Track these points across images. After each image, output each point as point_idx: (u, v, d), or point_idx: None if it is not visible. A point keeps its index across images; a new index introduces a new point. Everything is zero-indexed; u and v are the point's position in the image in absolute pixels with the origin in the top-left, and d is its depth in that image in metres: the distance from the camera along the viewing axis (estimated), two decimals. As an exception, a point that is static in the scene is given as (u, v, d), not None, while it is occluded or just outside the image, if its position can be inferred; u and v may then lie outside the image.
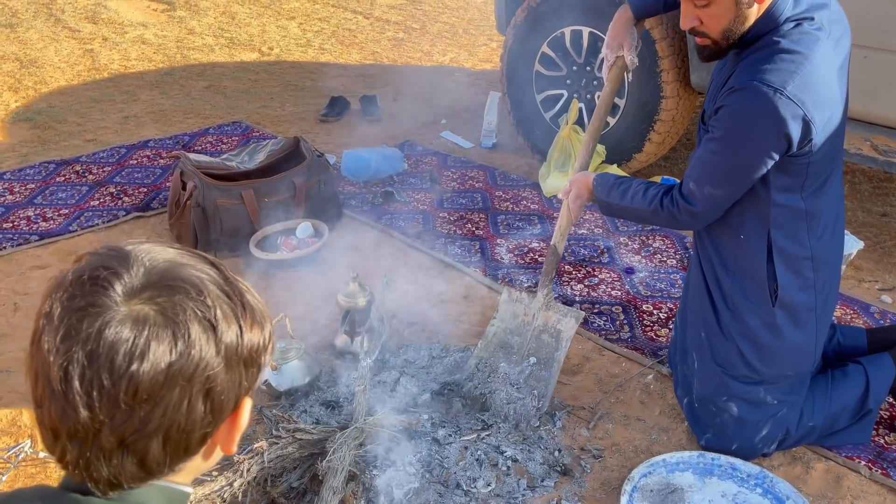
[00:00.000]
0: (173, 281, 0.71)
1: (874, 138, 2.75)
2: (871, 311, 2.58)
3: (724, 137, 1.65)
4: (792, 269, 1.76)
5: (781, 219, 1.72)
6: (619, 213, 1.96)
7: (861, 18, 2.63)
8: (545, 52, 3.53)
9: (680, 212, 1.77)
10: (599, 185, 1.96)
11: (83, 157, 3.69)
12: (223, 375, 0.72)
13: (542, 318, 2.13)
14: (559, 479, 1.86)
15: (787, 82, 1.54)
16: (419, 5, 7.35)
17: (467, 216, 3.21)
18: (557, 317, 2.11)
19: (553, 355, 2.07)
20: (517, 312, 2.18)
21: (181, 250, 0.76)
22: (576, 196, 2.04)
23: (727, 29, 1.63)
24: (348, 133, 4.16)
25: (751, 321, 1.82)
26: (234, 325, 0.73)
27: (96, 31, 6.02)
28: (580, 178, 2.03)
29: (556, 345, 2.08)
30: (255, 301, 0.78)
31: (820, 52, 1.57)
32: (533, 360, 2.08)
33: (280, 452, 1.70)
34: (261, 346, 0.77)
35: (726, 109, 1.63)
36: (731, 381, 1.87)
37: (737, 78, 1.62)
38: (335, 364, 2.27)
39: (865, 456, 1.94)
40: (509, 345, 2.15)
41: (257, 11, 6.90)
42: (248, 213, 2.84)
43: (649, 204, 1.83)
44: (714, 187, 1.70)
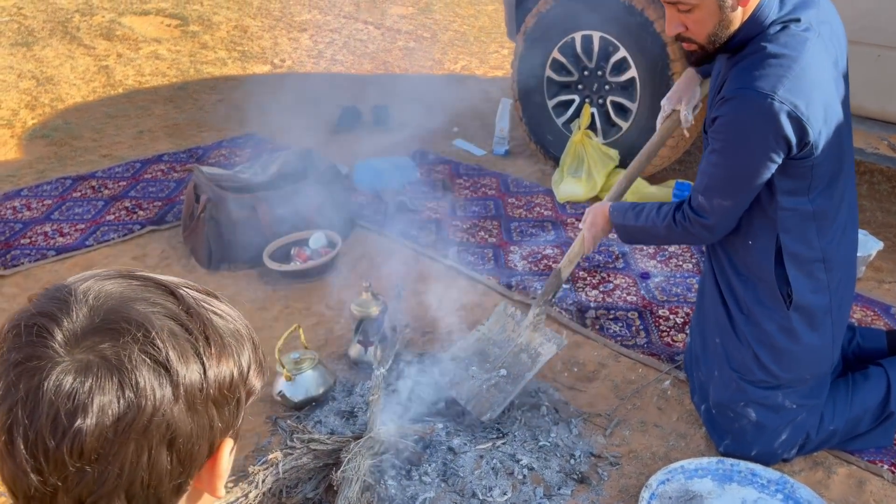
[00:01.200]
0: (117, 323, 0.63)
1: (891, 137, 2.72)
2: (892, 313, 2.55)
3: (724, 148, 1.65)
4: (804, 271, 1.74)
5: (789, 222, 1.71)
6: (637, 236, 1.97)
7: (873, 17, 2.61)
8: (556, 58, 3.52)
9: (693, 225, 1.77)
10: (615, 210, 1.99)
11: (99, 173, 3.72)
12: (186, 421, 0.63)
13: (526, 336, 2.11)
14: (576, 487, 1.84)
15: (778, 86, 1.53)
16: (430, 14, 7.37)
17: (480, 224, 3.21)
18: (541, 339, 2.09)
19: (524, 374, 2.03)
20: (506, 326, 2.18)
21: (132, 281, 0.67)
22: (591, 224, 2.05)
23: (712, 33, 1.64)
24: (360, 143, 4.17)
25: (766, 325, 1.80)
26: (194, 363, 0.64)
27: (111, 47, 6.09)
28: (597, 206, 2.05)
29: (531, 365, 2.04)
30: (225, 325, 0.69)
31: (809, 53, 1.56)
32: (503, 373, 2.05)
33: (295, 463, 1.70)
34: (235, 379, 0.68)
35: (722, 119, 1.63)
36: (748, 386, 1.85)
37: (728, 87, 1.62)
38: (349, 374, 2.27)
39: (888, 460, 1.90)
40: (486, 353, 2.14)
41: (269, 24, 6.96)
42: (262, 224, 2.85)
43: (662, 220, 1.83)
44: (722, 198, 1.69)
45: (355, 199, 3.42)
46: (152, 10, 7.22)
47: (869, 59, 2.65)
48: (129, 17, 6.95)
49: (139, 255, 2.97)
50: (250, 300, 2.67)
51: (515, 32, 3.77)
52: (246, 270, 2.86)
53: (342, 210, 3.07)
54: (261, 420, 2.08)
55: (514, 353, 2.09)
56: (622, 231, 1.98)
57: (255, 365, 0.71)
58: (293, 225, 2.92)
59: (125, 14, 7.04)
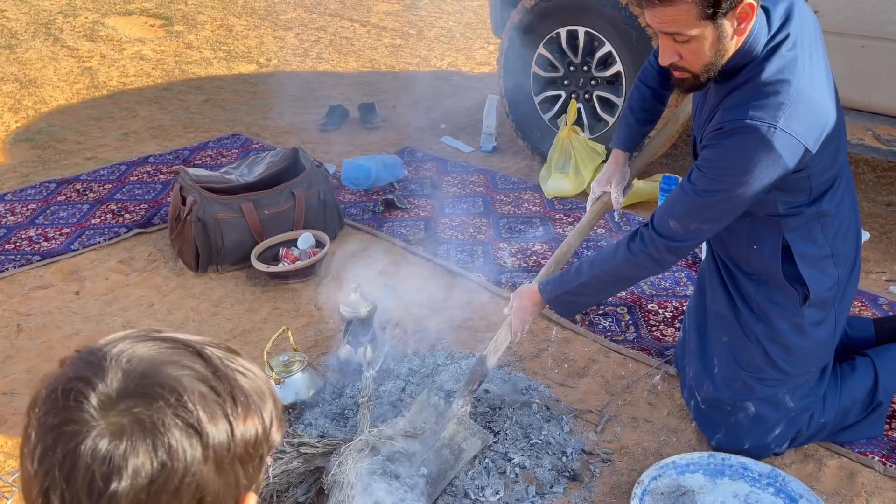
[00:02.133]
0: (151, 387, 0.65)
1: (876, 128, 2.73)
2: (880, 303, 2.56)
3: (719, 178, 1.58)
4: (817, 268, 1.74)
5: (794, 224, 1.69)
6: (580, 298, 1.85)
7: (858, 8, 2.61)
8: (542, 54, 3.51)
9: (659, 251, 1.69)
10: (546, 285, 1.87)
11: (83, 176, 3.69)
12: (214, 480, 0.66)
13: (449, 431, 1.90)
14: (568, 485, 1.84)
15: (779, 116, 1.50)
16: (415, 11, 7.35)
17: (469, 221, 3.20)
18: (465, 434, 1.90)
19: (446, 474, 1.82)
20: (429, 418, 1.96)
21: (163, 343, 0.70)
22: (518, 308, 1.91)
23: (708, 64, 1.56)
24: (347, 141, 4.16)
25: (779, 324, 1.78)
26: (222, 424, 0.67)
27: (94, 48, 6.04)
28: (522, 289, 1.94)
29: (454, 463, 1.85)
30: (249, 384, 0.72)
31: (802, 74, 1.54)
32: (423, 472, 1.80)
33: (285, 468, 1.69)
34: (259, 437, 0.70)
35: (719, 150, 1.57)
36: (756, 383, 1.84)
37: (724, 116, 1.57)
38: (339, 375, 2.25)
39: (879, 451, 1.91)
40: (406, 450, 1.85)
41: (254, 23, 6.92)
42: (249, 225, 2.83)
43: (613, 258, 1.75)
44: (702, 223, 1.64)
45: (343, 198, 3.41)
46: (136, 10, 7.17)
47: (853, 49, 2.66)
48: (112, 17, 6.90)
49: (126, 258, 2.95)
50: (238, 302, 2.66)
51: (501, 29, 3.75)
52: (233, 272, 2.84)
53: (330, 209, 3.05)
54: (251, 423, 2.06)
55: (437, 450, 1.87)
56: (560, 303, 1.87)
57: (277, 420, 0.74)
58: (281, 225, 2.91)
59: (108, 15, 6.98)
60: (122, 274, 2.84)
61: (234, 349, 0.76)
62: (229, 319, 2.56)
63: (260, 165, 3.14)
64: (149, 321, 2.55)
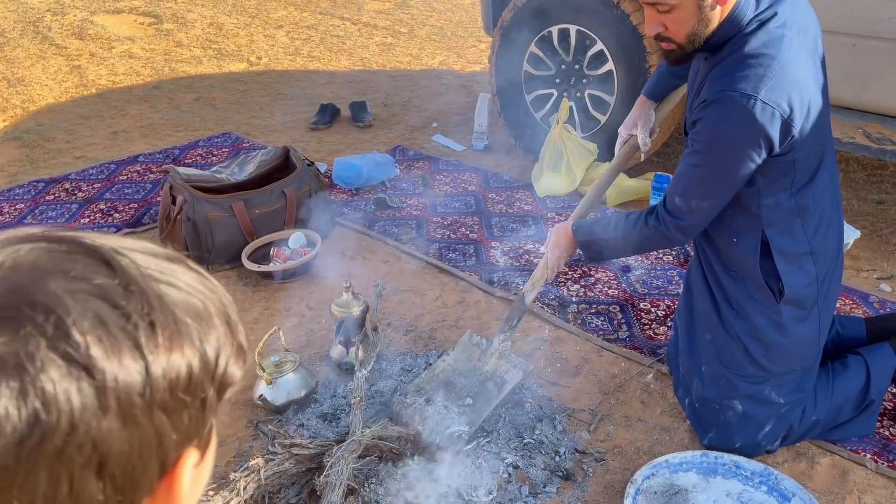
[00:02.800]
0: (19, 308, 0.45)
1: (867, 126, 2.73)
2: (871, 301, 2.56)
3: (705, 150, 1.64)
4: (794, 265, 1.74)
5: (773, 217, 1.71)
6: (604, 250, 1.94)
7: (848, 7, 2.62)
8: (533, 52, 3.51)
9: (668, 228, 1.76)
10: (579, 228, 1.97)
11: (72, 175, 3.66)
12: (121, 437, 0.46)
13: (492, 365, 2.06)
14: (561, 485, 1.83)
15: (760, 87, 1.53)
16: (407, 10, 7.33)
17: (461, 220, 3.19)
18: (507, 367, 2.04)
19: (490, 402, 1.99)
20: (471, 356, 2.11)
21: (56, 245, 0.50)
22: (554, 245, 2.01)
23: (692, 33, 1.61)
24: (339, 140, 4.14)
25: (756, 320, 1.80)
26: (130, 359, 0.47)
27: (83, 47, 5.99)
28: (559, 227, 2.03)
29: (497, 394, 2.00)
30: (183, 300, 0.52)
31: (787, 51, 1.56)
32: (469, 402, 1.98)
33: (277, 469, 1.68)
34: (196, 373, 0.51)
35: (703, 122, 1.62)
36: (739, 380, 1.85)
37: (709, 89, 1.61)
38: (332, 375, 2.24)
39: (871, 449, 1.91)
40: (453, 384, 2.05)
41: (245, 22, 6.89)
42: (240, 225, 2.81)
43: (634, 227, 1.83)
44: (701, 199, 1.69)
45: (334, 196, 3.39)
46: (125, 8, 7.12)
47: (844, 48, 2.66)
48: (101, 15, 6.85)
49: None
50: (229, 302, 2.64)
51: (492, 27, 3.75)
52: (224, 272, 2.82)
53: (321, 208, 3.03)
54: (241, 425, 2.05)
55: (481, 382, 2.03)
56: (588, 248, 1.96)
57: (231, 348, 0.54)
58: (272, 225, 2.89)
59: (97, 13, 6.93)
60: (111, 274, 2.81)
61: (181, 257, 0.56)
62: (220, 319, 2.54)
63: (250, 164, 3.12)
64: (139, 321, 2.53)
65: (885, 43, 2.61)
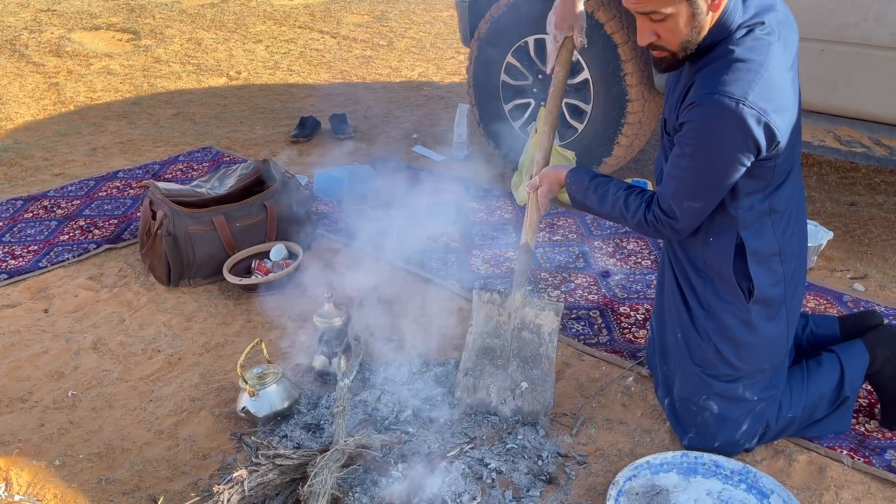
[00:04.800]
0: None
1: (837, 129, 2.79)
2: (845, 300, 2.61)
3: (694, 153, 1.65)
4: (763, 265, 1.78)
5: (749, 219, 1.74)
6: (593, 212, 1.95)
7: (816, 12, 2.67)
8: (510, 62, 3.55)
9: (663, 227, 1.77)
10: (574, 184, 1.94)
11: (51, 192, 3.65)
12: None
13: (519, 316, 2.08)
14: (545, 488, 1.85)
15: (748, 91, 1.54)
16: (385, 22, 7.38)
17: (442, 229, 3.21)
18: (535, 311, 2.06)
19: (538, 350, 2.03)
20: (491, 314, 2.12)
21: None
22: (547, 191, 2.02)
23: (685, 40, 1.62)
24: (320, 152, 4.15)
25: (726, 319, 1.83)
26: None
27: (61, 64, 5.97)
28: (551, 173, 2.00)
29: (539, 340, 2.04)
30: None
31: (773, 58, 1.59)
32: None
33: (260, 480, 1.68)
34: None
35: (691, 125, 1.62)
36: (711, 379, 1.88)
37: (696, 91, 1.61)
38: (314, 386, 2.25)
39: (847, 445, 1.95)
40: (491, 349, 2.09)
41: (223, 36, 6.89)
42: (221, 238, 2.81)
43: (633, 216, 1.82)
44: (692, 200, 1.70)
45: (316, 209, 3.40)
46: (103, 24, 7.11)
47: (813, 53, 2.72)
48: (78, 32, 6.83)
49: (95, 274, 2.91)
50: (211, 315, 2.64)
51: (469, 38, 3.79)
52: (206, 285, 2.82)
53: (303, 221, 3.04)
54: (225, 437, 2.05)
55: (516, 335, 2.06)
56: (575, 200, 1.95)
57: None
58: (253, 238, 2.89)
59: (75, 30, 6.91)
60: (91, 290, 2.81)
61: None
62: (202, 333, 2.54)
63: (231, 178, 3.12)
64: (120, 337, 2.52)
65: (852, 48, 2.67)
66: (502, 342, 2.08)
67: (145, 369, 2.36)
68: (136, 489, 1.88)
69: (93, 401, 2.22)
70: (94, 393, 2.25)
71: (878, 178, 3.62)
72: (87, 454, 2.01)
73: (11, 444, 2.05)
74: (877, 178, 3.62)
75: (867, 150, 2.74)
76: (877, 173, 3.66)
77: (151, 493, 1.86)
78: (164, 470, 1.94)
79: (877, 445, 1.95)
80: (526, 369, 2.06)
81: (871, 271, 2.82)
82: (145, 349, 2.46)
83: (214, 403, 2.18)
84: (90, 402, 2.21)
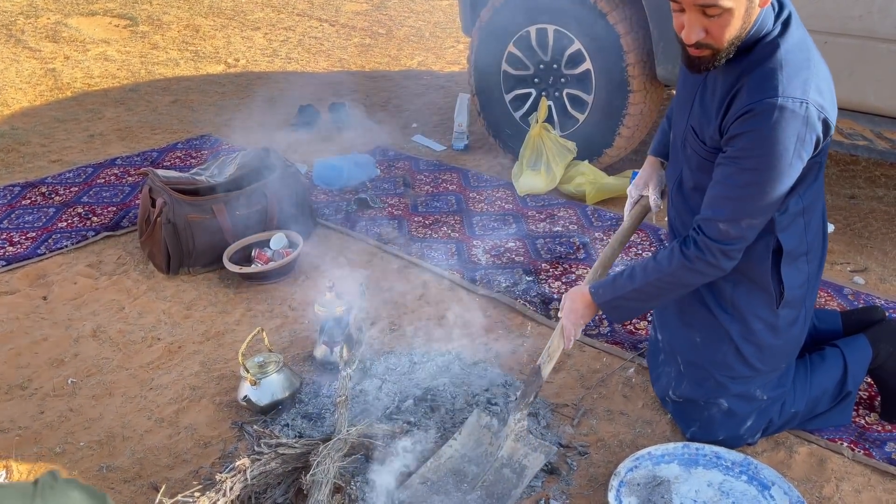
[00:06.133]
0: None
1: (839, 122, 2.78)
2: (845, 293, 2.61)
3: (758, 166, 1.52)
4: (792, 267, 1.75)
5: (785, 221, 1.69)
6: (635, 303, 1.77)
7: (820, 4, 2.66)
8: (511, 52, 3.53)
9: (716, 257, 1.62)
10: (598, 288, 1.80)
11: (49, 179, 3.62)
12: None
13: (507, 449, 1.87)
14: (546, 479, 1.85)
15: (808, 90, 1.47)
16: (385, 11, 7.33)
17: (442, 219, 3.20)
18: (525, 451, 1.86)
19: (511, 492, 1.78)
20: (482, 440, 1.92)
21: None
22: (569, 310, 1.84)
23: (735, 38, 1.51)
24: (319, 141, 4.13)
25: (754, 324, 1.78)
26: None
27: (58, 49, 5.93)
28: (574, 292, 1.86)
29: (517, 482, 1.80)
30: None
31: (814, 51, 1.54)
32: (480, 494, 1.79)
33: (263, 469, 1.68)
34: None
35: (755, 135, 1.50)
36: (728, 381, 1.85)
37: (750, 97, 1.50)
38: (316, 375, 2.24)
39: (847, 437, 1.95)
40: (463, 473, 1.84)
41: (221, 23, 6.84)
42: (221, 226, 2.80)
43: (668, 265, 1.68)
44: (752, 217, 1.58)
45: (315, 198, 3.39)
46: (99, 10, 7.05)
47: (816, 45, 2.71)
48: (75, 18, 6.77)
49: (94, 261, 2.90)
50: (211, 304, 2.63)
51: (471, 27, 3.76)
52: (206, 274, 2.81)
53: (303, 209, 3.03)
54: (226, 426, 2.04)
55: (496, 470, 1.83)
56: (612, 307, 1.79)
57: None
58: (253, 226, 2.88)
59: (71, 15, 6.86)
60: (90, 278, 2.79)
61: None
62: (202, 322, 2.53)
63: (230, 166, 3.11)
64: (119, 325, 2.51)
65: (855, 40, 2.66)
66: (479, 471, 1.84)
67: (145, 357, 2.35)
68: (137, 477, 1.88)
69: (93, 388, 2.21)
70: (94, 381, 2.25)
71: (878, 172, 3.62)
72: (87, 442, 2.00)
73: (11, 431, 2.04)
74: (877, 172, 3.62)
75: (869, 143, 2.74)
76: (877, 166, 3.67)
77: (152, 481, 1.86)
78: (165, 458, 1.94)
79: (877, 438, 1.95)
80: (490, 502, 1.78)
81: (871, 264, 2.82)
82: (145, 337, 2.45)
83: (215, 392, 2.18)
84: (90, 390, 2.21)
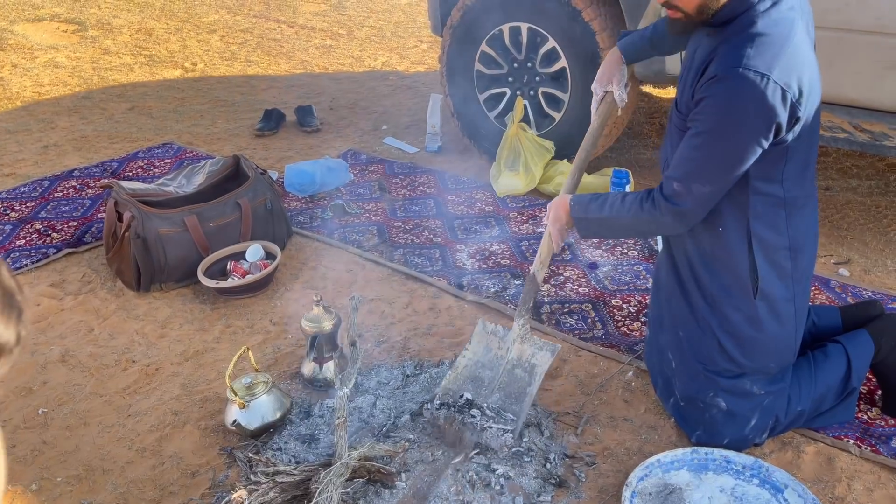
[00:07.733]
0: None
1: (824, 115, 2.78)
2: (832, 286, 2.61)
3: (712, 130, 1.57)
4: (769, 259, 1.72)
5: (760, 208, 1.68)
6: (598, 228, 1.89)
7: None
8: (485, 51, 3.46)
9: (663, 214, 1.68)
10: (576, 203, 1.89)
11: (3, 194, 3.43)
12: None
13: (516, 351, 2.02)
14: (555, 492, 1.78)
15: (773, 66, 1.48)
16: (343, 11, 7.21)
17: (423, 223, 3.12)
18: (532, 350, 2.00)
19: (525, 390, 1.94)
20: (490, 345, 2.06)
21: None
22: (554, 218, 1.95)
23: (703, 3, 1.56)
24: (287, 146, 4.01)
25: (731, 315, 1.77)
26: None
27: (4, 57, 5.66)
28: (557, 201, 1.95)
29: (529, 379, 1.95)
30: None
31: (797, 33, 1.54)
32: (499, 396, 1.97)
33: (262, 499, 1.58)
34: None
35: (711, 100, 1.55)
36: (714, 376, 1.83)
37: (718, 65, 1.54)
38: (305, 394, 2.14)
39: (853, 434, 1.93)
40: (479, 378, 2.01)
41: (175, 26, 6.64)
42: (194, 239, 2.67)
43: (628, 210, 1.75)
44: (703, 184, 1.62)
45: (288, 205, 3.28)
46: (46, 15, 6.77)
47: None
48: (21, 24, 6.49)
49: (57, 281, 2.74)
50: (188, 321, 2.50)
51: (441, 27, 3.68)
52: (179, 290, 2.68)
53: (277, 219, 2.92)
54: (214, 453, 1.93)
55: (508, 371, 1.99)
56: (582, 224, 1.88)
57: None
58: (227, 238, 2.76)
59: (16, 22, 6.57)
60: (54, 298, 2.64)
61: None
62: (179, 341, 2.40)
63: (199, 175, 2.98)
64: (89, 348, 2.37)
65: (832, 32, 2.66)
66: (493, 374, 2.00)
67: (120, 382, 2.22)
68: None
69: (65, 418, 2.07)
70: (66, 410, 2.11)
71: (848, 163, 3.65)
72: (64, 477, 1.87)
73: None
74: (847, 163, 3.65)
75: (849, 135, 2.74)
76: (847, 157, 3.70)
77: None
78: (151, 491, 1.82)
79: (882, 433, 1.94)
80: (507, 404, 1.95)
81: (853, 256, 2.83)
82: (118, 360, 2.32)
83: (199, 416, 2.06)
84: (63, 420, 2.07)
